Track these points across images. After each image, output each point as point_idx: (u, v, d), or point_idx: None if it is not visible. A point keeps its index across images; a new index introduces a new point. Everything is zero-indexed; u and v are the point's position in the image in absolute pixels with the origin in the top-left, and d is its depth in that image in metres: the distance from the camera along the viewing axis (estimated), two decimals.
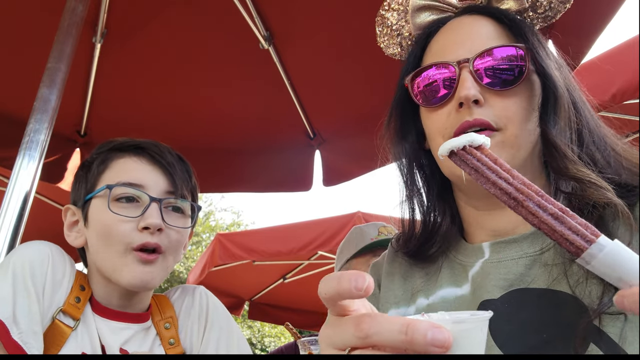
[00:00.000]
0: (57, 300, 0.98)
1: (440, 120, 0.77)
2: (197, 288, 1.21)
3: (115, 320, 1.05)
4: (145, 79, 2.40)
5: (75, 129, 2.58)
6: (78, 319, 0.99)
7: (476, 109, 0.73)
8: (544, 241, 0.71)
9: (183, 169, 1.14)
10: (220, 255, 4.16)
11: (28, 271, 0.94)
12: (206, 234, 19.60)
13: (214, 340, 1.14)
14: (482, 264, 0.76)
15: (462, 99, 0.73)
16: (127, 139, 1.14)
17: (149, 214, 1.02)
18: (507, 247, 0.74)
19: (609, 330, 0.59)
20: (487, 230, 0.79)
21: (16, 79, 2.23)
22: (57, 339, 0.95)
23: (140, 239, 1.02)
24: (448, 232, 0.85)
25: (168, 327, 1.12)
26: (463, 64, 0.75)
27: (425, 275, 0.84)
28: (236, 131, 2.65)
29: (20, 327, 0.89)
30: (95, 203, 1.07)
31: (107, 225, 1.03)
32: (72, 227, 1.12)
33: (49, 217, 3.51)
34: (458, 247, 0.83)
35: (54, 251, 1.01)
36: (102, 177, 1.08)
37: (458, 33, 0.79)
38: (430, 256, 0.85)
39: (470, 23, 0.80)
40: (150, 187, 1.06)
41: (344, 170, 2.58)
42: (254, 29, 2.11)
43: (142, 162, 1.09)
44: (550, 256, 0.69)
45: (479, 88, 0.73)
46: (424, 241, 0.86)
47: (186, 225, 1.11)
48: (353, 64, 2.22)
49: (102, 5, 2.02)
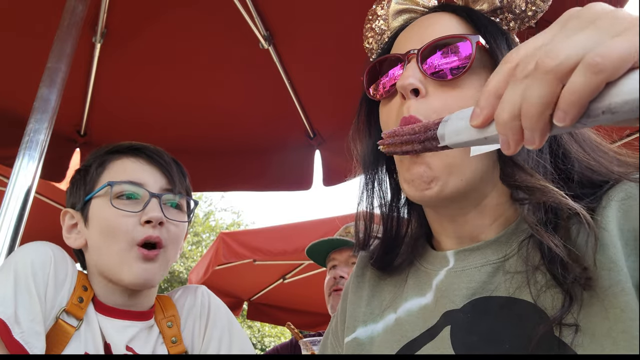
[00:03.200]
0: (59, 300, 0.99)
1: (389, 113, 0.75)
2: (198, 288, 1.23)
3: (119, 319, 1.07)
4: (145, 78, 2.40)
5: (75, 129, 2.58)
6: (81, 319, 1.00)
7: (415, 102, 0.69)
8: (508, 248, 0.69)
9: (178, 169, 1.18)
10: (224, 254, 4.15)
11: (30, 271, 0.94)
12: (206, 233, 19.60)
13: (216, 339, 1.15)
14: (447, 273, 0.74)
15: (399, 87, 0.70)
16: (122, 143, 1.17)
17: (150, 208, 1.06)
18: (470, 255, 0.72)
19: (569, 341, 0.56)
20: (452, 237, 0.76)
21: (16, 79, 2.23)
22: (61, 338, 0.96)
23: (143, 232, 1.05)
24: (415, 240, 0.82)
25: (170, 325, 1.14)
26: (411, 55, 0.72)
27: (394, 289, 0.81)
28: (236, 131, 2.65)
29: (22, 327, 0.89)
30: (96, 202, 1.09)
31: (110, 220, 1.05)
32: (71, 229, 1.13)
33: (49, 217, 3.51)
34: (424, 255, 0.81)
35: (56, 252, 1.02)
36: (100, 178, 1.11)
37: (417, 29, 0.78)
38: (397, 267, 0.82)
39: (430, 19, 0.78)
40: (150, 184, 1.10)
41: (344, 170, 2.58)
42: (254, 29, 2.11)
43: (140, 161, 1.13)
44: (513, 263, 0.67)
45: (421, 78, 0.70)
46: (388, 250, 0.83)
47: (184, 219, 1.15)
48: (353, 64, 2.22)
49: (102, 5, 2.02)
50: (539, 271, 0.63)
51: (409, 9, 0.86)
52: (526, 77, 0.41)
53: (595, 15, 0.41)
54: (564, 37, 0.41)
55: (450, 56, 0.70)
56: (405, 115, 0.69)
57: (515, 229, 0.70)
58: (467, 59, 0.69)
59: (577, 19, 0.42)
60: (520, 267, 0.66)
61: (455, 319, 0.68)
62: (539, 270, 0.63)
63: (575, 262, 0.58)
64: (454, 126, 0.50)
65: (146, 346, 1.07)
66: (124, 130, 2.65)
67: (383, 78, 0.78)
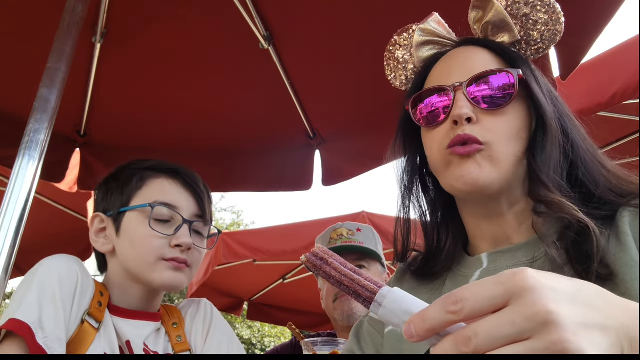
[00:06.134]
0: (84, 305, 1.06)
1: (439, 136, 0.84)
2: (202, 299, 1.33)
3: (135, 319, 1.15)
4: (145, 78, 2.40)
5: (75, 129, 2.57)
6: (101, 321, 1.08)
7: (468, 126, 0.80)
8: (537, 251, 0.78)
9: (209, 198, 1.27)
10: (224, 254, 4.15)
11: (56, 280, 1.01)
12: None
13: (216, 342, 1.22)
14: (481, 273, 0.82)
15: (455, 117, 0.80)
16: (162, 161, 1.25)
17: (181, 233, 1.15)
18: (503, 257, 0.81)
19: None
20: (487, 239, 0.86)
21: (16, 79, 2.23)
22: (85, 339, 1.03)
23: (172, 253, 1.14)
24: (452, 249, 0.91)
25: (176, 325, 1.23)
26: (457, 87, 0.82)
27: (431, 291, 0.90)
28: (236, 131, 2.65)
29: (46, 332, 0.94)
30: (133, 216, 1.17)
31: (143, 238, 1.14)
32: (99, 233, 1.21)
33: (49, 217, 3.52)
34: (460, 260, 0.90)
35: (79, 262, 1.11)
36: (138, 192, 1.19)
37: (454, 61, 0.88)
38: (435, 273, 0.91)
39: (466, 52, 0.89)
40: (183, 209, 1.18)
41: (343, 170, 2.58)
42: (254, 29, 2.11)
43: (177, 185, 1.21)
44: (541, 265, 0.75)
45: (472, 107, 0.81)
46: (428, 261, 0.92)
47: (206, 246, 1.25)
48: (353, 64, 2.23)
49: (102, 5, 2.02)
50: (564, 270, 0.71)
51: (432, 40, 0.95)
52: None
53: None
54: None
55: (495, 87, 0.81)
56: (460, 134, 0.79)
57: (545, 233, 0.78)
58: (511, 89, 0.81)
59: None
60: (547, 267, 0.73)
61: None
62: (564, 269, 0.71)
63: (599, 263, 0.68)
64: (389, 310, 0.50)
65: (157, 345, 1.16)
66: (124, 130, 2.65)
67: (427, 106, 0.87)
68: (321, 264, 0.56)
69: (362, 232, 2.04)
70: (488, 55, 0.87)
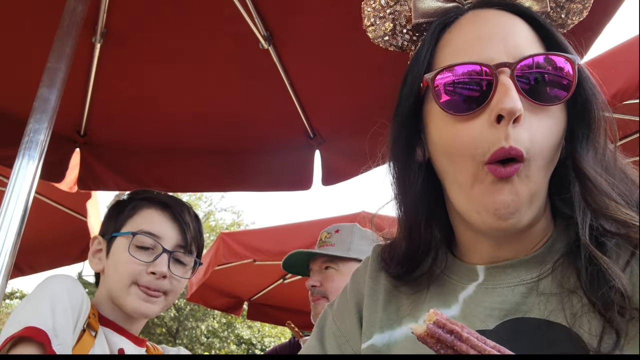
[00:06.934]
0: (85, 316, 1.14)
1: (470, 134, 0.63)
2: (179, 348, 1.44)
3: (123, 336, 1.24)
4: (145, 78, 2.40)
5: (75, 129, 2.58)
6: (97, 331, 1.17)
7: (513, 130, 0.60)
8: (542, 267, 0.66)
9: (196, 228, 1.35)
10: (224, 254, 4.15)
11: (66, 293, 1.08)
12: (206, 234, 19.56)
13: None
14: (476, 288, 0.69)
15: (504, 111, 0.59)
16: (159, 193, 1.35)
17: (158, 262, 1.23)
18: (503, 272, 0.68)
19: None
20: (484, 254, 0.71)
21: (16, 79, 2.23)
22: (86, 346, 1.12)
23: (147, 281, 1.22)
24: (438, 251, 0.77)
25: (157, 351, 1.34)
26: (502, 68, 0.61)
27: (412, 295, 0.76)
28: (236, 131, 2.65)
29: (59, 340, 1.02)
30: (119, 242, 1.27)
31: (123, 263, 1.23)
32: (95, 254, 1.32)
33: (49, 217, 3.52)
34: (449, 265, 0.75)
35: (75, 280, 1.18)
36: (129, 220, 1.29)
37: (485, 29, 0.66)
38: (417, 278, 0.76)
39: (499, 19, 0.66)
40: (166, 239, 1.26)
41: (343, 170, 2.58)
42: (254, 29, 2.11)
43: (165, 216, 1.29)
44: (547, 284, 0.64)
45: (520, 99, 0.60)
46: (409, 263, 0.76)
47: (186, 275, 1.32)
48: (353, 64, 2.22)
49: (102, 5, 2.02)
50: (574, 295, 0.61)
51: None
52: None
53: None
54: None
55: (550, 78, 0.62)
56: (504, 146, 0.59)
57: (550, 247, 0.68)
58: (571, 81, 0.62)
59: None
60: (555, 288, 0.63)
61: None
62: (575, 294, 0.61)
63: (630, 297, 0.56)
64: None
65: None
66: (124, 130, 2.65)
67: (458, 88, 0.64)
68: (452, 340, 0.46)
69: (340, 233, 2.01)
70: (527, 29, 0.66)
